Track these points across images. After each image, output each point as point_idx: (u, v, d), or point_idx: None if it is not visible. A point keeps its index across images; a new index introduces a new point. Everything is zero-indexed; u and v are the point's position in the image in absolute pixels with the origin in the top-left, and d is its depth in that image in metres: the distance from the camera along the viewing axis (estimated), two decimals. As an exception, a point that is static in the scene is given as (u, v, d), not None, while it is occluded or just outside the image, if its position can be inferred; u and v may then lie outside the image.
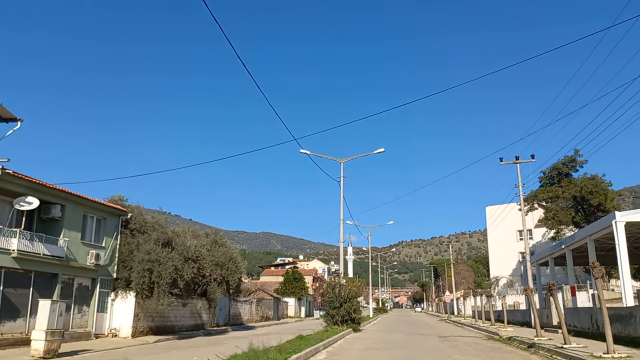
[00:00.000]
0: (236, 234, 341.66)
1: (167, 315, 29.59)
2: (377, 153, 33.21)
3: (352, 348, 19.27)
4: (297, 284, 76.84)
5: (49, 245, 21.42)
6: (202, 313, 34.88)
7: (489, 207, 67.57)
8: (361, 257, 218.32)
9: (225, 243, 35.46)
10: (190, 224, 71.55)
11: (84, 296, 24.41)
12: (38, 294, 20.68)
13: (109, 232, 26.12)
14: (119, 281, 26.38)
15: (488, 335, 27.22)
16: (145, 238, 27.41)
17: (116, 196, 28.66)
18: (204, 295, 34.21)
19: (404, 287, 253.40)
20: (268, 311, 57.72)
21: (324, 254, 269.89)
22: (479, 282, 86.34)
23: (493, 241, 68.90)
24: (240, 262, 35.08)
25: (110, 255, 26.02)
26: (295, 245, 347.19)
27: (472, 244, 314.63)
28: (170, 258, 25.73)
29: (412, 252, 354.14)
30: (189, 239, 29.75)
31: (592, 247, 25.44)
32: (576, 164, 54.02)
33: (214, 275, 33.53)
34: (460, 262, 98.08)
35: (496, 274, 66.16)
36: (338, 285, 31.29)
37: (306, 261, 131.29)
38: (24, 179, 19.86)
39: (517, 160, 32.11)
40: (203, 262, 30.12)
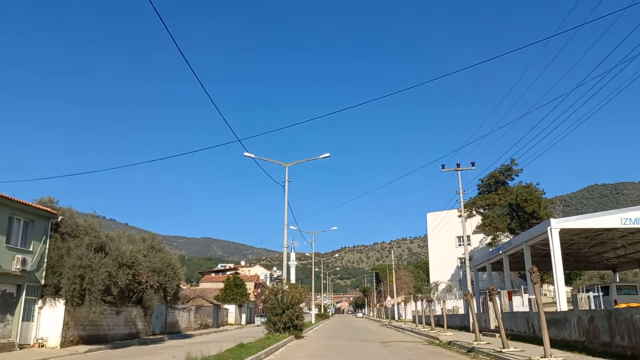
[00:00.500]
0: (175, 239, 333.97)
1: (100, 324, 28.11)
2: (322, 158, 33.05)
3: (294, 356, 18.86)
4: (238, 290, 75.58)
5: (-33, 249, 19.82)
6: (137, 321, 33.44)
7: (430, 214, 69.03)
8: (304, 263, 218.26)
9: (163, 248, 34.24)
10: (126, 228, 69.04)
11: (8, 304, 22.76)
12: (-46, 303, 19.08)
13: (38, 236, 24.54)
14: (47, 288, 24.82)
15: (428, 340, 27.48)
16: (76, 242, 25.96)
17: (46, 198, 27.00)
18: (139, 303, 32.81)
19: (345, 293, 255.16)
20: (207, 319, 56.31)
21: (267, 260, 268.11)
22: (419, 287, 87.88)
23: (433, 247, 70.40)
24: (179, 268, 33.98)
25: (39, 261, 24.45)
26: (237, 251, 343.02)
27: (412, 250, 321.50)
28: (103, 264, 24.46)
29: (355, 257, 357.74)
30: (124, 244, 28.44)
31: (528, 253, 26.22)
32: (512, 173, 56.18)
33: (151, 282, 32.24)
34: (401, 267, 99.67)
35: (436, 279, 67.58)
36: (281, 292, 30.79)
37: (248, 267, 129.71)
38: (-60, 178, 18.30)
39: (458, 167, 32.81)
40: (139, 268, 28.86)
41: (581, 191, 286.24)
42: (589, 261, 36.87)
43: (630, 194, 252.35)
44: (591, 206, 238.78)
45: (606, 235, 27.47)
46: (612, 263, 36.83)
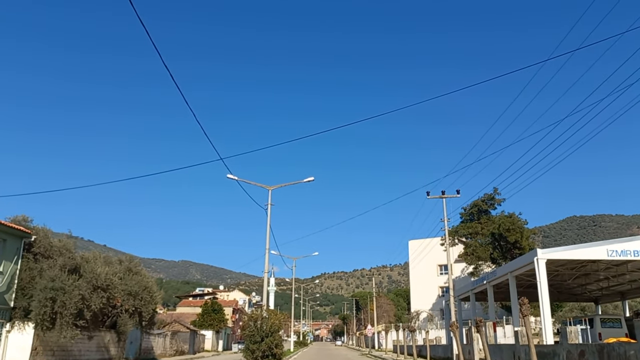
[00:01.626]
0: (154, 262, 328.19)
1: (70, 349, 26.90)
2: (306, 182, 32.56)
3: (273, 387, 18.05)
4: (216, 315, 73.90)
5: None
6: (110, 347, 32.15)
7: (411, 241, 68.68)
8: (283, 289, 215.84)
9: (140, 271, 33.24)
10: (105, 249, 67.44)
11: (-28, 328, 21.64)
12: None
13: (9, 256, 23.52)
14: (16, 310, 23.72)
15: (411, 371, 26.82)
16: (50, 263, 24.97)
17: (20, 216, 26.03)
18: (113, 328, 31.60)
19: (324, 320, 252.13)
20: (183, 345, 54.74)
21: (246, 285, 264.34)
22: (400, 316, 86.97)
23: (414, 275, 69.90)
24: (156, 291, 32.98)
25: (9, 282, 23.40)
26: (216, 275, 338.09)
27: (392, 277, 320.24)
28: (77, 286, 23.51)
29: (334, 284, 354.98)
30: (100, 266, 27.50)
31: (513, 283, 25.88)
32: (495, 202, 56.29)
33: (126, 306, 31.11)
34: (381, 295, 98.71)
35: (417, 307, 66.86)
36: (260, 318, 29.87)
37: (227, 292, 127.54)
38: None
39: (443, 195, 32.58)
40: (114, 292, 27.87)
41: (560, 222, 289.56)
42: (572, 293, 36.68)
43: (607, 226, 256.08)
44: (570, 237, 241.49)
45: (590, 267, 27.32)
46: (595, 295, 36.69)
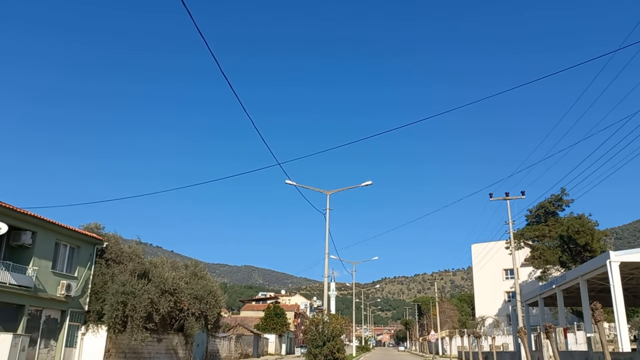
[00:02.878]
0: (218, 267, 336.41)
1: (141, 352, 27.99)
2: (364, 186, 32.46)
3: (336, 391, 18.04)
4: (279, 319, 74.79)
5: (16, 274, 20.10)
6: (178, 349, 33.20)
7: (474, 245, 66.93)
8: (343, 293, 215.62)
9: (205, 276, 34.16)
10: (172, 255, 69.73)
11: (52, 330, 22.92)
12: (1, 327, 19.28)
13: (83, 262, 24.81)
14: (90, 314, 24.94)
15: (477, 378, 26.09)
16: (120, 269, 26.14)
17: (92, 224, 27.42)
18: (180, 331, 32.63)
19: (386, 325, 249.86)
20: (247, 348, 55.72)
21: (306, 289, 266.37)
22: (464, 322, 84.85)
23: (479, 280, 68.03)
24: (220, 295, 33.75)
25: (83, 286, 24.65)
26: (277, 280, 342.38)
27: (455, 282, 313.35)
28: (146, 290, 24.45)
29: (396, 289, 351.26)
30: (167, 271, 28.49)
31: (584, 288, 24.70)
32: (562, 203, 53.97)
33: (192, 309, 32.06)
34: (445, 300, 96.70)
35: (481, 313, 65.01)
36: (321, 323, 29.99)
37: (288, 296, 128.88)
38: (-8, 203, 18.72)
39: (507, 196, 31.56)
40: (181, 295, 28.79)
41: (634, 223, 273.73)
42: (649, 297, 34.58)
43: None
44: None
45: (669, 270, 25.67)
46: (675, 300, 34.44)
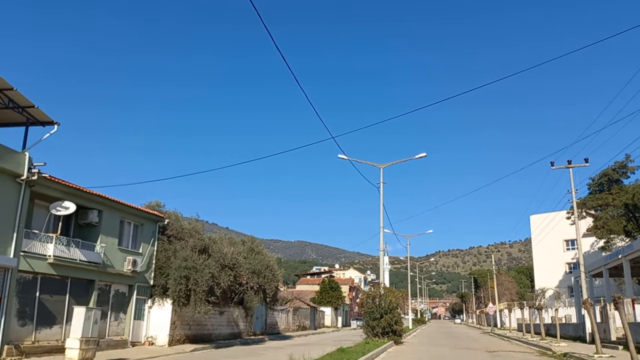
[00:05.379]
0: (272, 243, 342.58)
1: (204, 324, 29.03)
2: (418, 158, 31.97)
3: (396, 363, 18.13)
4: (334, 293, 75.74)
5: (85, 251, 21.10)
6: (239, 322, 34.25)
7: (533, 216, 65.06)
8: (397, 267, 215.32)
9: (262, 251, 34.81)
10: (227, 232, 71.53)
11: (121, 303, 24.04)
12: (74, 301, 20.36)
13: (146, 238, 25.76)
14: (155, 288, 25.96)
15: (540, 350, 25.56)
16: (182, 245, 26.98)
17: (153, 202, 28.39)
18: (240, 304, 33.60)
19: (441, 298, 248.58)
20: (305, 320, 56.82)
21: (360, 264, 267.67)
22: (522, 294, 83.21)
23: (538, 251, 66.25)
24: (277, 270, 34.34)
25: (147, 262, 25.64)
26: (331, 255, 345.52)
27: (512, 255, 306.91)
28: (207, 265, 25.16)
29: (450, 262, 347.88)
30: (226, 246, 29.19)
31: (654, 258, 23.60)
32: (627, 170, 51.40)
33: (251, 283, 32.87)
34: (502, 272, 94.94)
35: (541, 285, 63.39)
36: (378, 296, 30.11)
37: (342, 270, 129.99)
38: (60, 183, 19.60)
39: (569, 164, 30.29)
40: (240, 270, 29.50)
41: None
42: None
43: None
44: None
45: None
46: None
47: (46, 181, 18.71)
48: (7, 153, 17.06)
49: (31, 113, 18.14)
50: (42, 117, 18.32)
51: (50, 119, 18.46)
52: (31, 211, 19.38)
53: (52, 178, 18.92)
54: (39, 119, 18.43)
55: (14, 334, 17.75)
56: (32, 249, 18.57)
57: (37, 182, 18.22)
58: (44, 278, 19.33)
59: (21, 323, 18.25)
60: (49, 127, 18.69)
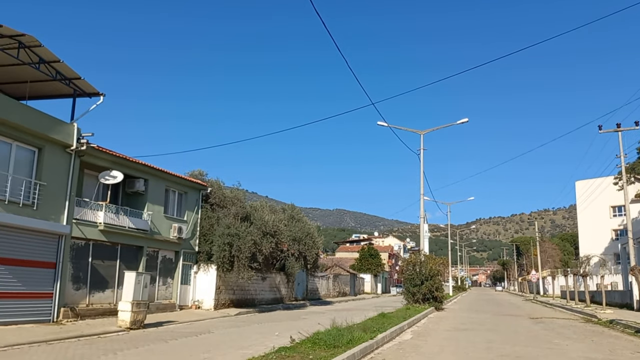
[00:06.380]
0: (310, 211, 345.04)
1: (247, 289, 29.80)
2: (460, 123, 31.38)
3: (438, 329, 18.24)
4: (373, 260, 76.22)
5: (133, 218, 21.82)
6: (280, 287, 35.00)
7: (579, 182, 63.27)
8: (436, 235, 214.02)
9: (302, 218, 35.22)
10: (267, 200, 72.36)
11: (168, 269, 24.87)
12: (124, 266, 21.19)
13: (190, 206, 26.40)
14: (200, 254, 26.70)
15: (585, 317, 25.21)
16: (224, 212, 27.53)
17: (196, 171, 28.95)
18: (282, 270, 34.26)
19: (482, 266, 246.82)
20: (345, 287, 57.55)
21: (399, 231, 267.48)
22: (566, 261, 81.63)
23: (583, 218, 64.58)
24: (317, 237, 34.75)
25: (192, 229, 26.33)
26: (369, 222, 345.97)
27: (556, 222, 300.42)
28: (249, 232, 25.66)
29: (491, 229, 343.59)
30: (267, 214, 29.63)
31: None
32: (681, 134, 49.13)
33: (292, 250, 33.42)
34: (545, 240, 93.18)
35: (586, 252, 61.96)
36: (418, 263, 30.15)
37: (381, 238, 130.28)
38: (108, 153, 20.20)
39: (618, 127, 29.10)
40: (281, 237, 29.98)
41: None
42: None
43: None
44: None
45: None
46: None
47: (94, 151, 19.30)
48: (57, 124, 17.64)
49: (77, 85, 18.61)
50: (88, 88, 18.78)
51: (96, 90, 18.90)
52: (81, 180, 20.10)
53: (100, 148, 19.50)
54: (85, 90, 18.90)
55: (69, 297, 18.67)
56: (83, 217, 19.33)
57: (86, 152, 18.82)
58: (96, 244, 20.15)
59: (76, 287, 19.16)
60: (95, 98, 19.15)
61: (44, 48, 16.24)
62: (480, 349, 12.52)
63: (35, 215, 16.75)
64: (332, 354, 9.78)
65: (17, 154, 16.61)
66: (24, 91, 19.10)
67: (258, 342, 13.29)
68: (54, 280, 17.58)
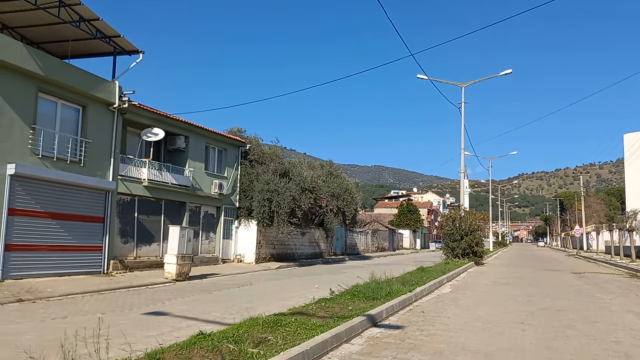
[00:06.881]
0: (349, 168, 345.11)
1: (287, 243, 30.36)
2: (503, 75, 30.33)
3: (477, 282, 18.23)
4: (412, 216, 76.14)
5: (175, 175, 22.33)
6: (320, 242, 35.51)
7: (627, 135, 60.72)
8: (477, 190, 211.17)
9: (340, 174, 35.27)
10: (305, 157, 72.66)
11: (210, 224, 25.52)
12: (169, 221, 21.84)
13: (230, 163, 26.78)
14: (241, 210, 27.22)
15: (630, 272, 24.69)
16: (263, 169, 27.82)
17: (235, 128, 29.19)
18: (321, 225, 34.65)
19: (524, 221, 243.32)
20: (383, 242, 57.90)
21: (438, 187, 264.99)
22: (612, 216, 79.52)
23: (631, 172, 62.29)
24: (356, 193, 34.82)
25: (232, 185, 26.78)
26: (408, 179, 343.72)
27: (602, 176, 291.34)
28: (288, 188, 25.91)
29: (534, 185, 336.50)
30: (305, 170, 29.80)
31: None
32: None
33: (330, 206, 33.67)
34: (590, 194, 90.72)
35: (632, 207, 60.11)
36: (458, 218, 29.95)
37: (420, 194, 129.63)
38: (149, 111, 20.53)
39: (673, 76, 27.54)
40: (319, 193, 30.17)
41: None
42: None
43: None
44: None
45: None
46: None
47: (136, 109, 19.65)
48: (100, 83, 17.98)
49: (117, 42, 18.80)
50: (128, 46, 18.96)
51: (136, 47, 19.05)
52: (124, 138, 20.58)
53: (141, 106, 19.83)
54: (125, 48, 19.08)
55: (118, 250, 19.47)
56: (128, 173, 19.90)
57: (128, 110, 19.19)
58: (141, 200, 20.79)
59: (123, 241, 19.94)
60: (134, 56, 19.34)
61: (84, 6, 16.39)
62: (520, 302, 12.47)
63: (82, 172, 17.35)
64: (370, 305, 9.94)
65: (62, 112, 17.09)
66: (66, 50, 19.46)
67: (298, 294, 13.61)
68: (103, 234, 18.33)
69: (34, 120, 15.76)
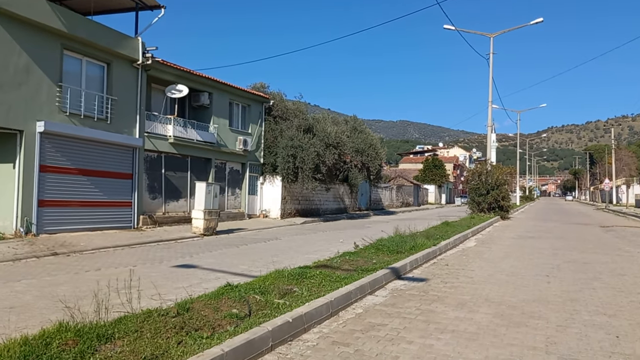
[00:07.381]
0: (373, 123, 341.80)
1: (312, 199, 30.58)
2: (533, 24, 29.26)
3: (503, 236, 18.18)
4: (437, 171, 75.55)
5: (200, 131, 22.48)
6: (344, 198, 35.66)
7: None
8: (504, 145, 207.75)
9: (364, 130, 35.00)
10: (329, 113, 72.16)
11: (236, 180, 25.79)
12: (195, 177, 22.15)
13: (254, 119, 26.78)
14: (266, 166, 27.39)
15: (660, 226, 24.28)
16: (287, 125, 27.76)
17: (258, 84, 29.02)
18: (345, 181, 34.71)
19: (552, 175, 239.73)
20: (408, 197, 57.84)
21: (464, 142, 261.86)
22: (643, 170, 77.66)
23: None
24: (380, 148, 34.62)
25: (257, 142, 26.87)
26: (434, 133, 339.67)
27: (634, 129, 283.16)
28: (312, 144, 25.88)
29: (563, 138, 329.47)
30: (329, 126, 29.63)
31: None
32: None
33: (355, 162, 33.60)
34: (622, 147, 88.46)
35: (667, 160, 58.61)
36: (484, 172, 29.63)
37: (446, 148, 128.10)
38: (173, 67, 20.51)
39: None
40: (343, 148, 30.07)
41: None
42: None
43: None
44: None
45: None
46: None
47: (160, 65, 19.64)
48: (123, 39, 17.97)
49: (139, -2, 18.64)
50: (150, 1, 18.79)
51: (157, 2, 18.88)
52: (149, 95, 20.69)
53: (164, 62, 19.80)
54: (147, 3, 18.91)
55: (147, 205, 19.90)
56: (154, 130, 20.10)
57: (152, 67, 19.20)
58: (167, 156, 21.06)
59: (152, 196, 20.35)
60: (156, 11, 19.19)
61: (104, -39, 16.22)
62: (546, 255, 12.43)
63: (109, 129, 17.58)
64: (395, 258, 10.03)
65: (87, 69, 17.20)
66: (88, 6, 19.37)
67: (323, 247, 13.80)
68: (132, 190, 18.72)
69: (60, 78, 15.91)
